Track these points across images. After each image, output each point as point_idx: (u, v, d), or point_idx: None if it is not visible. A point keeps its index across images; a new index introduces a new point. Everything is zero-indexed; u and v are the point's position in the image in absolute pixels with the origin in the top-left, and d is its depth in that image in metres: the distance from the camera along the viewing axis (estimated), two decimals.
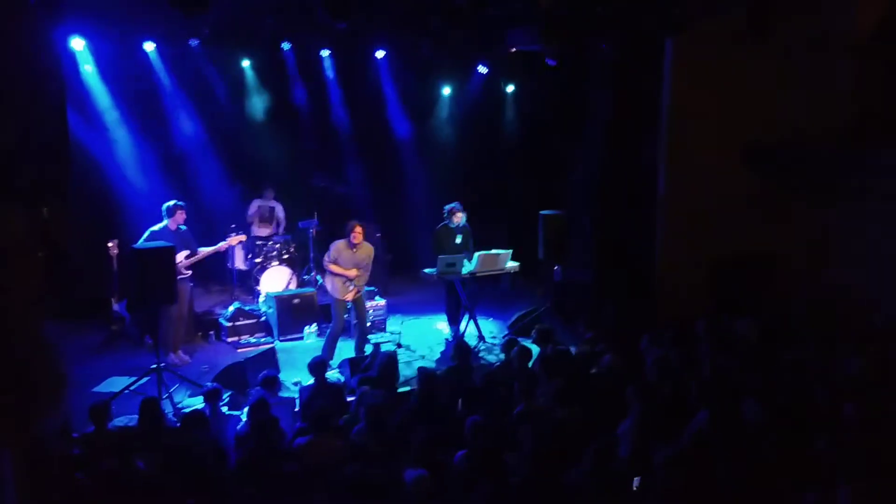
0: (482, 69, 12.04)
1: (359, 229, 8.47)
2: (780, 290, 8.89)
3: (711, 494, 4.53)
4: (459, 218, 9.38)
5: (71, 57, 9.34)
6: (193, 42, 10.16)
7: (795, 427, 5.20)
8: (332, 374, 7.88)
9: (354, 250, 8.48)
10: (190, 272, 8.51)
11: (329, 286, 8.60)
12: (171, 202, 8.40)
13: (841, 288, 8.34)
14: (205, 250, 8.59)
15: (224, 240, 9.12)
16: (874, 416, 5.19)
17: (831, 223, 8.75)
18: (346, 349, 8.76)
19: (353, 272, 8.45)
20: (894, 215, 8.09)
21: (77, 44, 9.27)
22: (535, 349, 7.25)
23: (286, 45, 10.93)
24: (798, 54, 8.86)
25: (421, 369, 6.62)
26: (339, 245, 8.53)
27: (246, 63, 11.16)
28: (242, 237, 9.70)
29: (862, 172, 8.22)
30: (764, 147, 9.10)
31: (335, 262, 8.46)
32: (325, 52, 11.38)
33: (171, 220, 8.30)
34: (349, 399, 6.65)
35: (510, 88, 12.58)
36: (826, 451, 4.77)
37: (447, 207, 9.42)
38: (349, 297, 8.50)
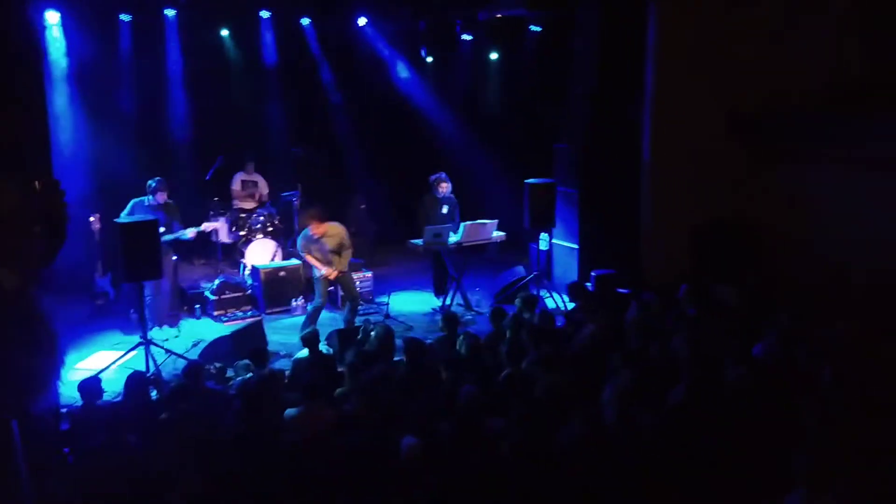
0: (466, 37, 11.92)
1: (314, 224, 8.25)
2: (764, 256, 8.98)
3: (696, 459, 4.62)
4: (445, 188, 9.38)
5: (46, 30, 9.15)
6: (170, 12, 10.01)
7: (777, 391, 5.29)
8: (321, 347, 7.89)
9: (322, 240, 8.37)
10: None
11: (311, 264, 8.51)
12: (153, 180, 8.33)
13: (823, 254, 8.43)
14: (177, 233, 8.51)
15: (211, 220, 9.09)
16: (853, 379, 5.29)
17: (814, 189, 8.81)
18: (334, 322, 8.77)
19: (330, 271, 8.33)
20: (878, 180, 8.16)
21: (51, 17, 9.08)
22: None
23: (265, 14, 10.77)
24: (781, 20, 8.85)
25: (407, 339, 6.63)
26: (306, 236, 8.38)
27: (225, 32, 10.98)
28: (217, 224, 9.68)
29: (845, 138, 8.27)
30: (748, 113, 9.12)
31: (310, 252, 8.37)
32: (305, 21, 11.22)
33: (153, 196, 8.25)
34: (340, 370, 6.68)
35: (494, 56, 12.48)
36: (808, 414, 4.86)
37: (432, 177, 9.41)
38: (332, 276, 8.45)
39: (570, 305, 8.26)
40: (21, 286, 0.98)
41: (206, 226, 9.18)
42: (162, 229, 8.26)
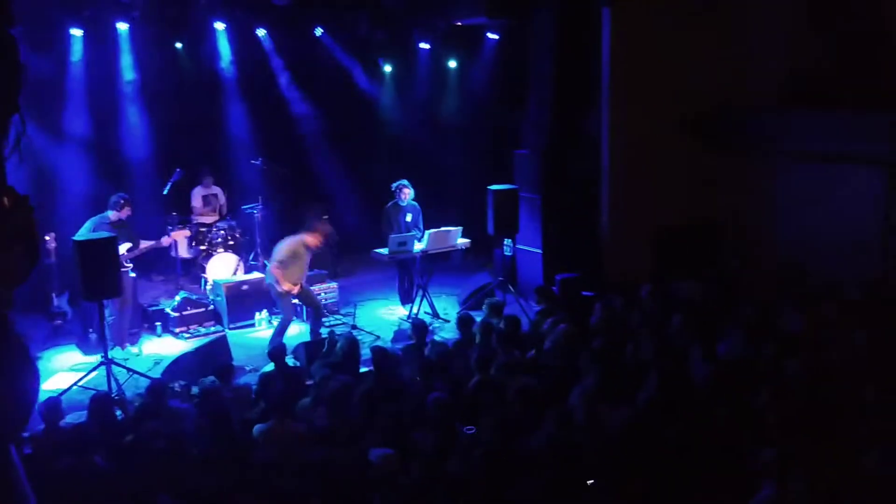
0: (424, 45, 11.95)
1: (315, 237, 8.34)
2: (724, 253, 9.16)
3: (664, 455, 4.67)
4: (407, 195, 9.39)
5: None
6: (122, 26, 9.84)
7: (741, 385, 5.38)
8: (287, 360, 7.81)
9: (307, 251, 8.36)
10: (132, 265, 8.31)
11: (272, 279, 8.34)
12: (118, 196, 8.16)
13: (780, 250, 8.62)
14: (146, 244, 8.39)
15: (167, 233, 8.96)
16: (815, 372, 5.41)
17: (771, 185, 9.02)
18: (301, 335, 8.68)
19: (295, 289, 8.27)
20: (832, 177, 8.39)
21: None
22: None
23: (220, 26, 10.65)
24: (735, 20, 9.06)
25: (374, 349, 6.60)
26: (295, 246, 8.24)
27: (179, 45, 10.82)
28: (187, 232, 9.55)
29: (800, 135, 8.49)
30: (702, 114, 9.30)
31: (283, 264, 8.19)
32: (261, 31, 11.13)
33: (115, 213, 8.07)
34: (308, 383, 6.61)
35: (452, 64, 12.53)
36: (771, 406, 4.95)
37: (394, 185, 9.40)
38: (295, 290, 8.35)
39: (537, 310, 8.30)
40: (4, 306, 0.96)
41: (176, 234, 9.08)
42: (129, 244, 8.13)
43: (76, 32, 9.62)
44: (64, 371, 7.95)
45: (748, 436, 4.70)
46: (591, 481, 4.38)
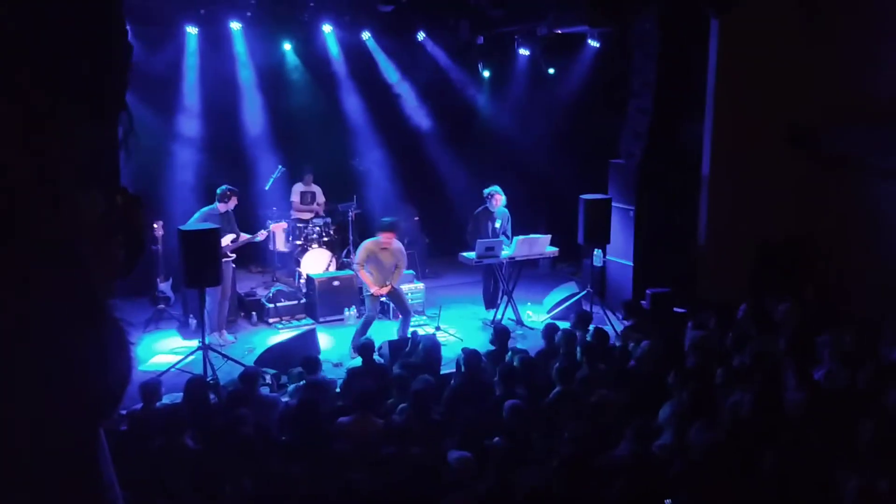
0: (523, 52, 11.94)
1: (386, 234, 8.38)
2: (825, 273, 8.74)
3: (752, 479, 4.50)
4: (499, 201, 9.38)
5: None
6: (236, 25, 10.29)
7: (837, 412, 5.12)
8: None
9: (384, 252, 8.46)
10: (234, 256, 8.68)
11: (362, 280, 8.56)
12: (225, 187, 8.53)
13: (886, 272, 8.15)
14: (245, 237, 8.73)
15: (266, 226, 9.29)
16: None
17: (876, 205, 8.55)
18: (388, 333, 8.82)
19: (383, 289, 8.41)
20: None
21: None
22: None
23: (327, 27, 10.97)
24: (844, 33, 8.66)
25: (465, 350, 6.60)
26: (368, 245, 8.45)
27: (287, 46, 11.21)
28: (284, 224, 9.88)
29: None
30: (809, 127, 8.92)
31: (363, 265, 8.41)
32: (365, 35, 11.39)
33: (223, 204, 8.44)
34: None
35: (551, 70, 12.44)
36: (869, 437, 4.69)
37: (487, 191, 9.42)
38: (383, 292, 8.51)
39: (624, 323, 8.15)
40: (104, 286, 1.02)
41: (275, 227, 9.44)
42: (232, 236, 8.49)
43: (191, 30, 10.13)
44: (164, 353, 8.36)
45: (839, 466, 4.47)
46: (669, 500, 4.27)
